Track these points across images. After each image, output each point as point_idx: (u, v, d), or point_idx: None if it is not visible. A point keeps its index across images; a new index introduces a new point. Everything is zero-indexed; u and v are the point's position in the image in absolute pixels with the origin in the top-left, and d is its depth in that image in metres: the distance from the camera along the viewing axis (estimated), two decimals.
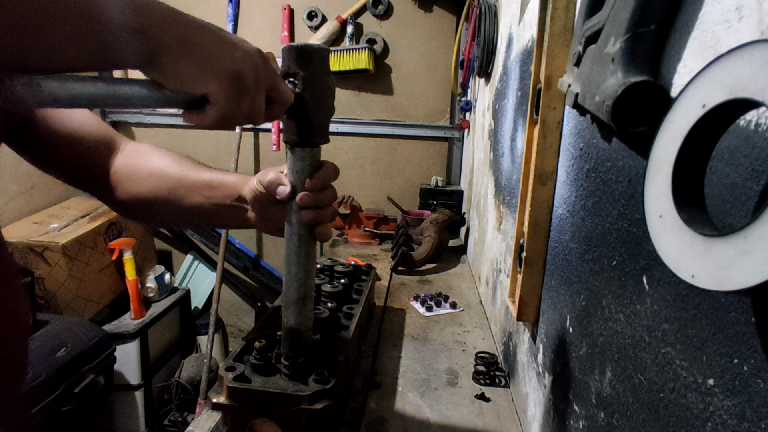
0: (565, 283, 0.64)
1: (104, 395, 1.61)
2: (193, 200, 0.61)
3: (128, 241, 1.93)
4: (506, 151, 1.09)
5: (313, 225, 0.58)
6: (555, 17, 0.64)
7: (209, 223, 0.73)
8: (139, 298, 1.90)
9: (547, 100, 0.68)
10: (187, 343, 2.29)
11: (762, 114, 0.29)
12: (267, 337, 0.72)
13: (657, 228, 0.34)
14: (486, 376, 0.93)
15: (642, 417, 0.41)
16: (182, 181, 0.61)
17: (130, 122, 2.42)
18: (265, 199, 0.58)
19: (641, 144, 0.44)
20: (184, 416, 2.02)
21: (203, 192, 0.60)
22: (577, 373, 0.57)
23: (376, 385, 0.91)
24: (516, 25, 1.06)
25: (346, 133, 2.35)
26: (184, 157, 0.65)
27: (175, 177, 0.61)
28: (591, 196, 0.56)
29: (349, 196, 2.01)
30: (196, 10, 2.29)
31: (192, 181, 0.61)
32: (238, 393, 0.65)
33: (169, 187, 0.61)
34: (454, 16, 2.20)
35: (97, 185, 0.63)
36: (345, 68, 2.13)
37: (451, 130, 2.29)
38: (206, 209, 0.61)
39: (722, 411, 0.31)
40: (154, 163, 0.62)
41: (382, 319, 1.20)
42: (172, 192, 0.61)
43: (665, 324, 0.38)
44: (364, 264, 1.26)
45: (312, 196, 0.56)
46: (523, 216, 0.77)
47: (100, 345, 1.59)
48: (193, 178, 0.61)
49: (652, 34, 0.40)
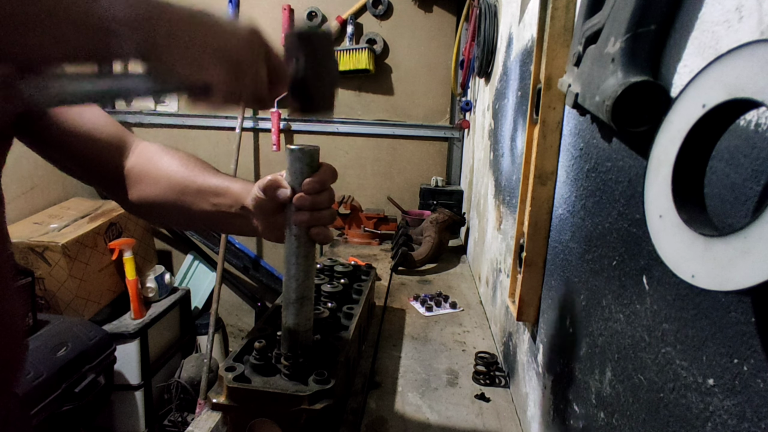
0: (565, 283, 0.64)
1: (104, 395, 1.62)
2: (200, 206, 0.61)
3: (128, 241, 1.94)
4: (506, 151, 1.09)
5: (310, 227, 0.58)
6: (555, 17, 0.64)
7: (217, 228, 0.73)
8: (139, 298, 1.90)
9: (547, 100, 0.68)
10: (187, 343, 2.29)
11: (762, 114, 0.29)
12: (267, 337, 0.72)
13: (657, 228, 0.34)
14: (486, 376, 0.93)
15: (642, 417, 0.41)
16: (190, 186, 0.61)
17: (130, 122, 2.42)
18: (267, 206, 0.57)
19: (641, 144, 0.44)
20: (184, 416, 2.02)
21: (209, 199, 0.60)
22: (577, 373, 0.57)
23: (376, 385, 0.91)
24: (516, 25, 1.06)
25: (347, 133, 2.35)
26: (193, 159, 0.65)
27: (183, 182, 0.61)
28: (591, 196, 0.56)
29: (350, 196, 2.01)
30: None
31: (199, 187, 0.61)
32: (238, 393, 0.65)
33: (177, 192, 0.61)
34: (454, 16, 2.20)
35: (110, 185, 0.64)
36: (345, 68, 2.13)
37: (451, 130, 2.29)
38: (213, 216, 0.61)
39: (722, 411, 0.31)
40: (164, 166, 0.62)
41: (382, 319, 1.20)
42: (180, 197, 0.61)
43: (665, 324, 0.38)
44: (364, 264, 1.26)
45: (308, 198, 0.56)
46: (523, 216, 0.77)
47: (100, 345, 1.59)
48: (200, 183, 0.61)
49: (652, 34, 0.40)
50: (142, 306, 1.92)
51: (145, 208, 0.64)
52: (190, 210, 0.61)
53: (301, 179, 0.56)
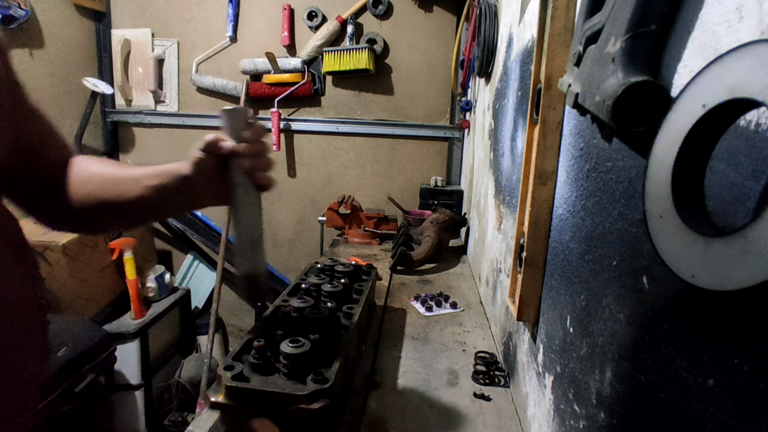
0: (566, 283, 0.64)
1: (104, 395, 1.62)
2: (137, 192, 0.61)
3: (128, 240, 1.93)
4: (506, 151, 1.09)
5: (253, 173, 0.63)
6: (555, 17, 0.64)
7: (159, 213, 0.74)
8: (139, 298, 1.90)
9: (547, 100, 0.68)
10: (187, 343, 2.29)
11: (762, 114, 0.29)
12: (266, 337, 0.72)
13: (657, 228, 0.34)
14: (486, 375, 0.93)
15: (642, 417, 0.41)
16: (122, 177, 0.62)
17: (130, 122, 2.42)
18: (209, 165, 0.61)
19: (641, 144, 0.44)
20: (184, 416, 2.02)
21: (144, 182, 0.61)
22: (577, 373, 0.57)
23: (376, 385, 0.91)
24: (516, 25, 1.06)
25: (347, 133, 2.35)
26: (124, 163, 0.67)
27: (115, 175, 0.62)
28: (591, 196, 0.56)
29: (350, 196, 2.01)
30: (196, 10, 2.30)
31: (132, 175, 0.62)
32: (237, 392, 0.65)
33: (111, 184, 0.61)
34: (454, 16, 2.20)
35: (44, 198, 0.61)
36: (345, 68, 2.13)
37: (452, 130, 2.29)
38: (151, 199, 0.61)
39: (722, 411, 0.31)
40: (96, 167, 0.63)
41: (383, 319, 1.20)
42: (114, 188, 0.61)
43: (665, 324, 0.38)
44: (365, 264, 1.26)
45: (250, 146, 0.61)
46: (523, 216, 0.77)
47: (100, 345, 1.59)
48: (133, 173, 0.62)
49: (652, 34, 0.40)
50: (143, 306, 1.92)
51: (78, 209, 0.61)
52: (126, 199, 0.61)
53: (239, 134, 0.62)
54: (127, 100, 2.39)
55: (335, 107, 2.34)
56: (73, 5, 2.17)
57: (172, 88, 2.38)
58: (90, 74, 2.30)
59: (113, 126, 2.43)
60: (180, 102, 2.40)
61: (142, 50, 2.34)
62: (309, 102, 2.33)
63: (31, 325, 0.50)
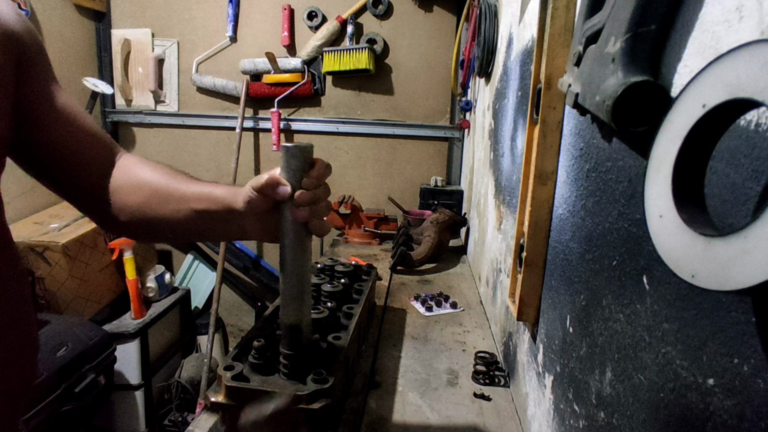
0: (566, 283, 0.64)
1: (104, 395, 1.62)
2: (184, 213, 0.59)
3: (128, 240, 1.93)
4: (506, 151, 1.09)
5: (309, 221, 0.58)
6: (555, 17, 0.64)
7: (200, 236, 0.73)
8: (139, 297, 1.90)
9: (547, 100, 0.68)
10: (187, 343, 2.29)
11: (762, 114, 0.29)
12: (266, 337, 0.72)
13: (657, 228, 0.34)
14: (486, 375, 0.93)
15: (642, 417, 0.41)
16: (173, 193, 0.60)
17: (130, 122, 2.42)
18: (262, 205, 0.57)
19: (641, 144, 0.44)
20: (184, 416, 2.02)
21: (193, 205, 0.59)
22: (577, 373, 0.57)
23: (376, 385, 0.91)
24: (516, 25, 1.06)
25: (347, 133, 2.35)
26: (174, 169, 0.64)
27: (166, 189, 0.60)
28: (591, 196, 0.56)
29: (350, 196, 2.01)
30: (196, 10, 2.30)
31: (182, 194, 0.59)
32: (237, 392, 0.65)
33: (160, 199, 0.60)
34: (454, 16, 2.20)
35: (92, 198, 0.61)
36: (345, 68, 2.13)
37: (452, 130, 2.29)
38: (196, 222, 0.60)
39: (722, 411, 0.31)
40: (146, 175, 0.61)
41: (383, 319, 1.20)
42: (163, 205, 0.59)
43: (665, 324, 0.38)
44: (365, 264, 1.26)
45: (309, 194, 0.56)
46: (524, 216, 0.77)
47: (100, 345, 1.59)
48: (183, 190, 0.60)
49: (652, 34, 0.40)
50: (143, 306, 1.92)
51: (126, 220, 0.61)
52: (173, 218, 0.60)
53: (299, 176, 0.56)
54: (127, 100, 2.39)
55: (335, 107, 2.34)
56: (73, 5, 2.17)
57: (172, 88, 2.38)
58: (90, 74, 2.30)
59: (113, 126, 2.43)
60: (180, 102, 2.40)
61: (142, 50, 2.34)
62: (309, 102, 2.33)
63: (19, 323, 0.50)
